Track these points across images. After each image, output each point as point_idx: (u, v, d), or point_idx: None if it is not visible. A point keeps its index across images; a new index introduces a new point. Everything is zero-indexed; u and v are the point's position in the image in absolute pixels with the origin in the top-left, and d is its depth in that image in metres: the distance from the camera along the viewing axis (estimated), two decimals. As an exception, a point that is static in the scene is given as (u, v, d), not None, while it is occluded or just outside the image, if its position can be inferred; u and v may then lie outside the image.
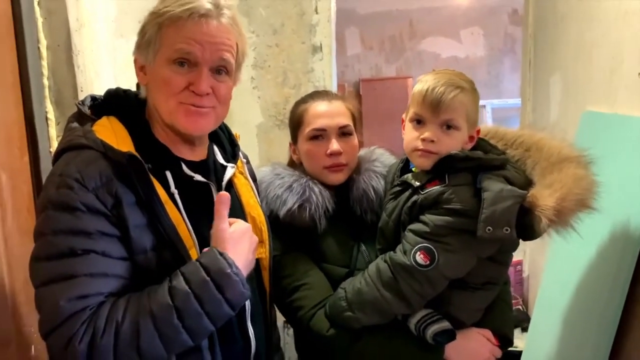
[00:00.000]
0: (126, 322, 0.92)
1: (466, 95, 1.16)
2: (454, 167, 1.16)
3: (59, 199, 0.93)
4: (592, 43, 1.65)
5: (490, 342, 1.26)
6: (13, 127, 1.34)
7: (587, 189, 1.09)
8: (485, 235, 1.07)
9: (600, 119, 1.55)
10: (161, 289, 0.96)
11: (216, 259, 0.98)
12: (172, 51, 1.02)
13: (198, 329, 0.96)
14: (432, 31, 4.90)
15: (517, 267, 2.38)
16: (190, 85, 1.03)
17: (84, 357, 0.90)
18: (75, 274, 0.92)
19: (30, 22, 1.37)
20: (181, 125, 1.06)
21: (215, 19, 1.03)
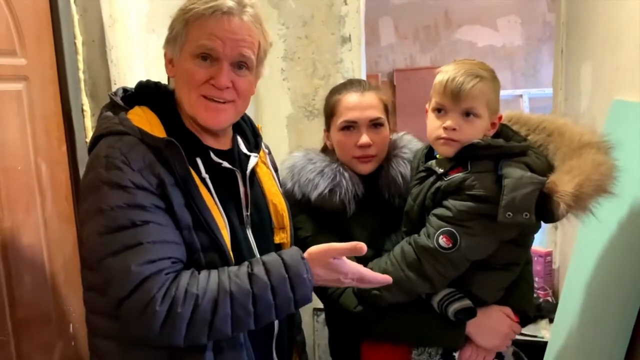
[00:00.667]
0: (206, 298, 0.99)
1: (486, 84, 1.19)
2: (476, 154, 1.19)
3: (110, 178, 0.99)
4: (620, 31, 1.61)
5: (510, 318, 1.29)
6: (51, 119, 1.42)
7: (606, 175, 1.10)
8: (505, 220, 1.10)
9: (629, 108, 1.53)
10: (241, 273, 1.03)
11: (298, 261, 1.05)
12: (195, 46, 1.08)
13: (265, 317, 1.03)
14: (468, 20, 4.82)
15: (546, 259, 2.35)
16: (211, 79, 1.08)
17: (160, 323, 0.96)
18: (140, 241, 0.98)
19: (67, 19, 1.45)
20: (201, 119, 1.11)
21: (237, 17, 1.08)
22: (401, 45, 4.94)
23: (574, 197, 1.06)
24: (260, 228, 1.22)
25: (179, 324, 0.97)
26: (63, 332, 1.45)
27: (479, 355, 1.28)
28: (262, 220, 1.23)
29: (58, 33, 1.43)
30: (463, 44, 4.85)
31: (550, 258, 2.37)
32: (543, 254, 2.36)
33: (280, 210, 1.27)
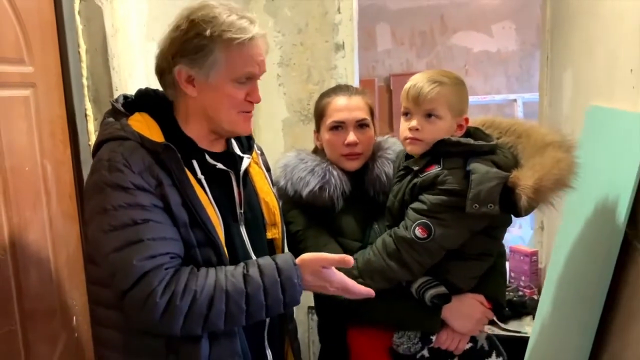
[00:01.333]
0: (204, 294, 1.08)
1: (445, 88, 1.31)
2: (448, 151, 1.29)
3: (112, 180, 1.09)
4: (595, 39, 1.70)
5: (483, 305, 1.38)
6: (57, 123, 1.51)
7: (565, 170, 1.20)
8: (472, 211, 1.20)
9: (601, 113, 1.61)
10: (237, 273, 1.12)
11: (290, 266, 1.14)
12: (240, 72, 1.18)
13: (256, 315, 1.13)
14: (463, 26, 4.91)
15: (532, 258, 2.43)
16: (247, 96, 1.20)
17: (160, 313, 1.06)
18: (141, 238, 1.07)
19: (71, 29, 1.53)
20: (242, 130, 1.25)
21: (261, 38, 1.20)
22: (398, 50, 5.03)
23: (534, 190, 1.16)
24: (253, 224, 1.31)
25: (177, 315, 1.07)
26: (67, 324, 1.53)
27: (454, 338, 1.38)
28: (255, 217, 1.32)
29: (63, 42, 1.51)
30: (458, 50, 4.94)
31: (536, 258, 2.45)
32: (529, 254, 2.44)
33: (271, 208, 1.37)
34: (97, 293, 1.20)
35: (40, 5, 1.45)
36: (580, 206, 1.59)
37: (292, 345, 1.43)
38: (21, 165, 1.38)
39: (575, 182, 1.20)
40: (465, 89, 1.37)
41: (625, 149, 1.34)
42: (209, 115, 1.21)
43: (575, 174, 1.21)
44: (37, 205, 1.43)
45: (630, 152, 1.28)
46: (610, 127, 1.50)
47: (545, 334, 1.67)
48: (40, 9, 1.45)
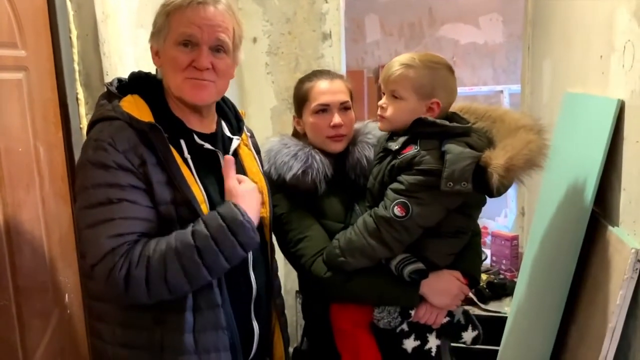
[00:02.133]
0: (156, 257, 1.13)
1: (410, 71, 1.37)
2: (424, 133, 1.35)
3: (96, 159, 1.14)
4: (571, 30, 1.77)
5: (460, 281, 1.45)
6: (49, 106, 1.55)
7: (535, 151, 1.26)
8: (447, 189, 1.26)
9: (576, 99, 1.68)
10: (186, 231, 1.16)
11: (231, 209, 1.18)
12: (177, 35, 1.22)
13: (215, 265, 1.16)
14: (451, 18, 4.97)
15: (513, 242, 2.51)
16: (193, 62, 1.22)
17: (123, 285, 1.11)
18: (113, 217, 1.13)
19: (63, 15, 1.57)
20: (187, 97, 1.25)
21: (211, 5, 1.23)
22: (386, 41, 5.08)
23: (505, 169, 1.22)
24: None
25: (138, 284, 1.12)
26: (59, 301, 1.58)
27: (432, 312, 1.44)
28: None
29: (55, 27, 1.55)
30: (446, 41, 5.00)
31: (516, 242, 2.52)
32: (510, 238, 2.51)
33: (260, 188, 1.40)
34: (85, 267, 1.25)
35: (32, -9, 1.49)
36: (553, 189, 1.67)
37: (280, 319, 1.48)
38: (14, 147, 1.42)
39: (545, 162, 1.26)
40: (441, 73, 1.40)
41: (594, 131, 1.41)
42: (167, 84, 1.27)
43: (546, 155, 1.27)
44: (30, 186, 1.48)
45: (598, 134, 1.35)
46: (582, 112, 1.57)
47: (521, 312, 1.74)
48: (32, -5, 1.49)
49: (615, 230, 1.25)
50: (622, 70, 1.25)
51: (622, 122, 1.24)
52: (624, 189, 1.23)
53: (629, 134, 1.20)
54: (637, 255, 1.11)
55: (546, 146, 1.28)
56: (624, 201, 1.23)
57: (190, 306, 1.20)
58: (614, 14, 1.31)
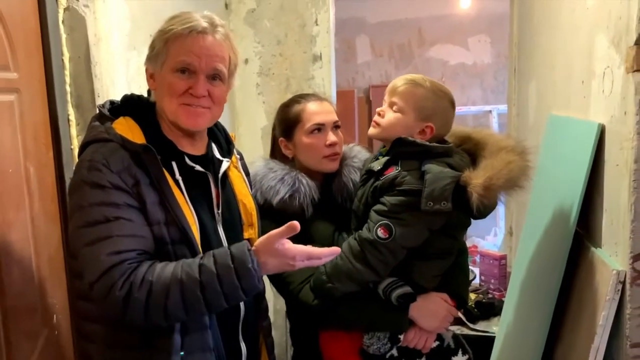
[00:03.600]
0: (159, 284, 1.13)
1: (417, 89, 1.40)
2: (405, 153, 1.37)
3: (91, 179, 1.15)
4: (555, 52, 1.81)
5: (447, 303, 1.45)
6: (40, 127, 1.56)
7: (516, 171, 1.30)
8: (427, 208, 1.28)
9: (560, 121, 1.72)
10: (193, 263, 1.16)
11: (243, 252, 1.16)
12: (175, 62, 1.24)
13: (214, 303, 1.16)
14: (440, 39, 5.06)
15: (501, 262, 2.52)
16: (189, 89, 1.25)
17: (121, 305, 1.12)
18: (111, 234, 1.13)
19: (55, 37, 1.59)
20: (182, 123, 1.27)
21: (210, 35, 1.25)
22: (377, 62, 5.16)
23: (484, 188, 1.25)
24: (230, 225, 1.37)
25: (137, 307, 1.12)
26: (47, 321, 1.57)
27: (421, 336, 1.44)
28: (233, 217, 1.39)
29: (47, 50, 1.57)
30: (436, 62, 5.08)
31: (505, 261, 2.54)
32: (498, 258, 2.53)
33: (249, 209, 1.43)
34: (78, 287, 1.26)
35: (25, 14, 1.51)
36: (539, 210, 1.69)
37: (266, 340, 1.48)
38: (5, 167, 1.42)
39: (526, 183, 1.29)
40: (445, 103, 1.43)
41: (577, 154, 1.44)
42: (161, 107, 1.29)
43: (527, 175, 1.30)
44: (20, 206, 1.48)
45: (581, 157, 1.37)
46: (565, 134, 1.60)
47: (508, 332, 1.75)
48: (25, 18, 1.51)
49: (598, 252, 1.27)
50: (602, 95, 1.28)
51: (603, 145, 1.27)
52: (605, 211, 1.26)
53: (609, 157, 1.23)
54: (619, 276, 1.13)
55: (528, 167, 1.31)
56: (606, 222, 1.26)
57: (179, 328, 1.20)
58: (594, 40, 1.35)
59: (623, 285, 1.12)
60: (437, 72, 5.04)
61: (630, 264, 1.10)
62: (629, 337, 1.12)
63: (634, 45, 1.08)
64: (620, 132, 1.15)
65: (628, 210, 1.10)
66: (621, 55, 1.15)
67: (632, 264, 1.10)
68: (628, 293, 1.11)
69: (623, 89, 1.14)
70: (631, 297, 1.11)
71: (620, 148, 1.15)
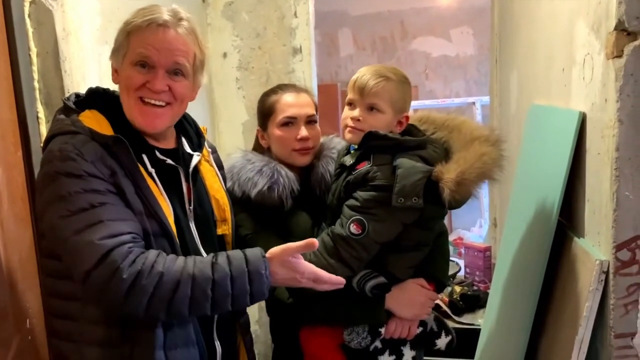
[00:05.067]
0: (170, 277, 1.09)
1: (390, 84, 1.36)
2: (378, 147, 1.33)
3: (66, 169, 1.11)
4: (535, 42, 1.79)
5: (425, 287, 1.43)
6: (7, 126, 1.50)
7: (489, 163, 1.27)
8: (398, 204, 1.26)
9: (541, 111, 1.70)
10: (205, 260, 1.14)
11: (259, 258, 1.16)
12: (134, 55, 1.20)
13: (221, 304, 1.13)
14: (423, 31, 5.05)
15: (486, 253, 2.51)
16: (147, 82, 1.21)
17: (124, 291, 1.06)
18: (100, 219, 1.09)
19: (22, 32, 1.53)
20: (137, 123, 1.23)
21: (172, 29, 1.21)
22: (360, 55, 5.13)
23: (456, 183, 1.23)
24: (203, 221, 1.34)
25: (142, 295, 1.08)
26: (20, 327, 1.52)
27: (403, 326, 1.42)
28: (205, 213, 1.35)
29: (13, 45, 1.51)
30: (418, 54, 5.07)
31: (489, 253, 2.53)
32: (483, 250, 2.52)
33: (222, 205, 1.39)
34: (52, 285, 1.21)
35: (-12, 8, 1.45)
36: (520, 200, 1.68)
37: (244, 338, 1.45)
38: (-30, 168, 1.37)
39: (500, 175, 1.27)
40: (409, 88, 1.42)
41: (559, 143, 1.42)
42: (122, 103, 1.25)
43: (501, 167, 1.28)
44: (-12, 208, 1.43)
45: (562, 146, 1.36)
46: (547, 124, 1.59)
47: (493, 324, 1.74)
48: (-12, 12, 1.45)
49: (581, 242, 1.26)
50: (582, 83, 1.26)
51: (584, 134, 1.25)
52: (587, 200, 1.24)
53: (591, 146, 1.21)
54: (602, 266, 1.11)
55: (502, 157, 1.29)
56: (588, 212, 1.24)
57: (161, 324, 1.16)
58: (574, 27, 1.32)
59: (607, 275, 1.11)
60: (420, 64, 5.03)
61: (614, 253, 1.08)
62: (612, 328, 1.10)
63: (614, 31, 1.05)
64: (602, 120, 1.13)
65: (610, 200, 1.08)
66: (601, 41, 1.12)
67: (615, 254, 1.08)
68: (612, 283, 1.09)
69: (603, 76, 1.12)
70: (615, 287, 1.09)
71: (601, 136, 1.13)
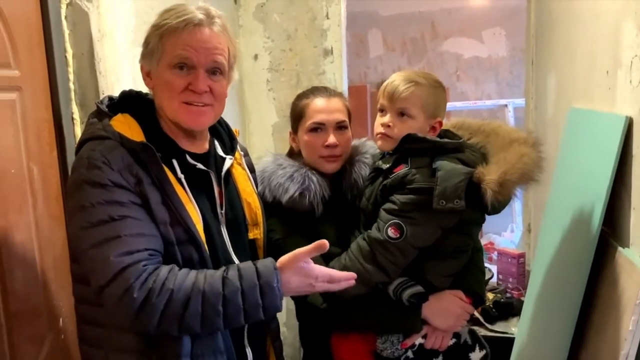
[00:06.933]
0: (180, 294, 1.07)
1: (420, 89, 1.33)
2: (415, 150, 1.31)
3: (90, 178, 1.10)
4: (575, 43, 1.73)
5: (462, 300, 1.40)
6: (43, 126, 1.52)
7: (530, 164, 1.24)
8: (439, 207, 1.23)
9: (581, 115, 1.64)
10: (216, 274, 1.11)
11: (270, 271, 1.13)
12: (172, 57, 1.19)
13: (234, 319, 1.11)
14: (454, 32, 4.97)
15: (520, 260, 2.45)
16: (189, 85, 1.19)
17: (135, 310, 1.06)
18: (118, 234, 1.08)
19: (58, 33, 1.54)
20: (184, 122, 1.22)
21: (207, 27, 1.19)
22: (389, 56, 5.08)
23: (499, 184, 1.19)
24: (234, 225, 1.32)
25: (153, 313, 1.07)
26: (53, 325, 1.53)
27: (437, 336, 1.39)
28: (237, 217, 1.34)
29: (50, 46, 1.52)
30: (449, 56, 5.00)
31: (523, 259, 2.47)
32: (516, 256, 2.46)
33: (253, 208, 1.38)
34: (80, 290, 1.21)
35: (27, 10, 1.47)
36: (559, 206, 1.62)
37: (274, 344, 1.43)
38: (7, 167, 1.39)
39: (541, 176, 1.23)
40: (443, 93, 1.39)
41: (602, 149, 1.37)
42: (160, 106, 1.24)
43: (541, 168, 1.25)
44: (23, 207, 1.44)
45: (606, 152, 1.30)
46: (588, 128, 1.53)
47: (529, 333, 1.69)
48: (27, 14, 1.47)
49: (625, 252, 1.20)
50: (629, 87, 1.21)
51: (630, 139, 1.20)
52: (633, 208, 1.19)
53: (638, 152, 1.16)
54: (650, 278, 1.06)
55: (541, 159, 1.26)
56: (634, 221, 1.19)
57: None
58: (620, 28, 1.27)
59: (654, 288, 1.05)
60: (451, 65, 4.96)
61: (662, 265, 1.03)
62: (660, 344, 1.05)
63: (666, 32, 1.00)
64: (651, 125, 1.08)
65: (660, 209, 1.03)
66: (651, 42, 1.07)
67: (664, 266, 1.03)
68: (660, 297, 1.04)
69: (653, 79, 1.07)
70: (663, 301, 1.04)
71: (650, 142, 1.08)
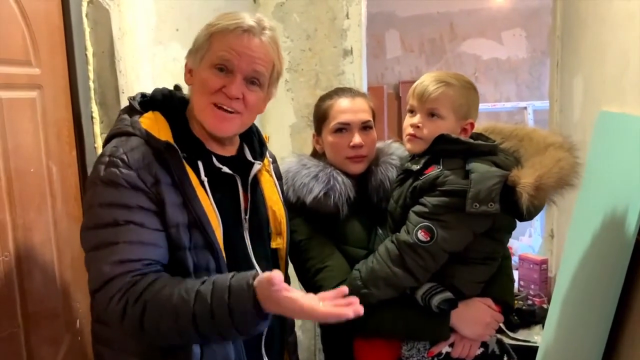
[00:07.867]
0: (154, 305, 1.04)
1: (451, 89, 1.30)
2: (448, 152, 1.27)
3: (106, 176, 1.09)
4: (605, 44, 1.68)
5: (492, 308, 1.36)
6: (63, 125, 1.51)
7: (567, 169, 1.20)
8: (472, 210, 1.19)
9: (612, 118, 1.59)
10: (191, 287, 1.04)
11: (242, 288, 1.01)
12: (214, 57, 1.17)
13: (209, 335, 1.06)
14: (473, 33, 4.89)
15: (542, 266, 2.40)
16: (223, 87, 1.17)
17: (119, 318, 1.05)
18: (117, 241, 1.06)
19: (79, 32, 1.53)
20: (207, 125, 1.19)
21: (256, 36, 1.17)
22: (407, 57, 5.02)
23: (535, 188, 1.15)
24: (257, 232, 1.29)
25: (132, 323, 1.05)
26: (70, 326, 1.52)
27: (465, 345, 1.35)
28: (260, 224, 1.30)
29: (70, 45, 1.52)
30: (468, 57, 4.92)
31: (546, 266, 2.41)
32: (539, 262, 2.41)
33: (278, 217, 1.34)
34: None
35: (48, 8, 1.46)
36: (589, 212, 1.57)
37: (291, 357, 1.40)
38: (26, 166, 1.38)
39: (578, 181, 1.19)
40: (475, 94, 1.35)
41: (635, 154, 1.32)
42: (192, 105, 1.22)
43: (578, 173, 1.20)
44: (42, 206, 1.43)
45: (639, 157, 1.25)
46: (620, 133, 1.48)
47: (555, 344, 1.63)
48: (48, 12, 1.46)
49: (662, 262, 1.16)
50: (667, 89, 1.16)
51: (667, 144, 1.15)
52: (671, 217, 1.14)
53: (677, 157, 1.11)
54: (690, 291, 1.01)
55: (578, 164, 1.21)
56: (671, 230, 1.14)
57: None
58: (657, 29, 1.22)
59: (695, 301, 1.01)
60: (470, 67, 4.88)
61: None
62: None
63: None
64: (692, 130, 1.03)
65: (703, 218, 0.98)
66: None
67: None
68: (701, 310, 0.99)
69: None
70: None
71: (691, 148, 1.03)
